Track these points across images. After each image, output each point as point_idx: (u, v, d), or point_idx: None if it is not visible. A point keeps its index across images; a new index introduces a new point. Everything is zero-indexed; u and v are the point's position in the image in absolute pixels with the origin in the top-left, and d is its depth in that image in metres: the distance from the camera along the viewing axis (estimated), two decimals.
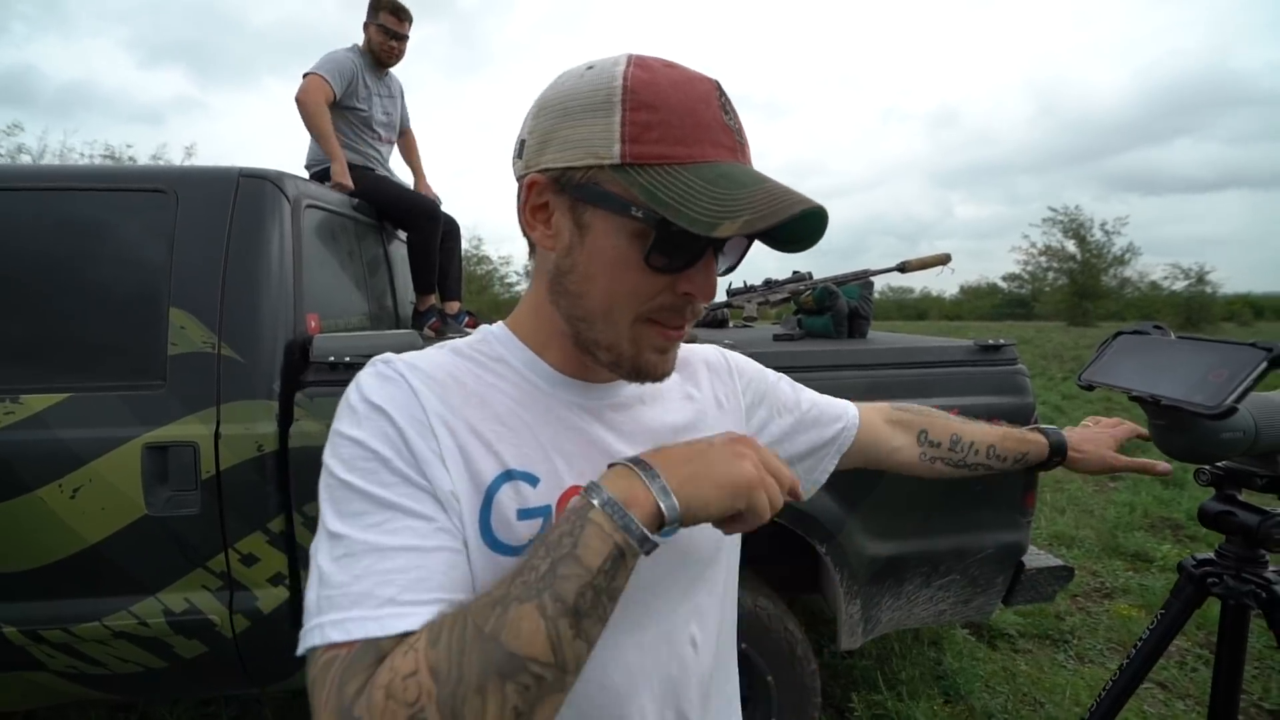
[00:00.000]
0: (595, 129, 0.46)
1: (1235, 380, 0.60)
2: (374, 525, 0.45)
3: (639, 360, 0.52)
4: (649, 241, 0.47)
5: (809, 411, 0.74)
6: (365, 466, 0.47)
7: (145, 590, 1.32)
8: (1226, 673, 0.78)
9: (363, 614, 0.42)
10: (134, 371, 1.34)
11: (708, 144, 0.46)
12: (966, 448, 0.82)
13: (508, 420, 0.52)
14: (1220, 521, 0.79)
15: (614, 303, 0.50)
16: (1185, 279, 26.30)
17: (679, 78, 0.47)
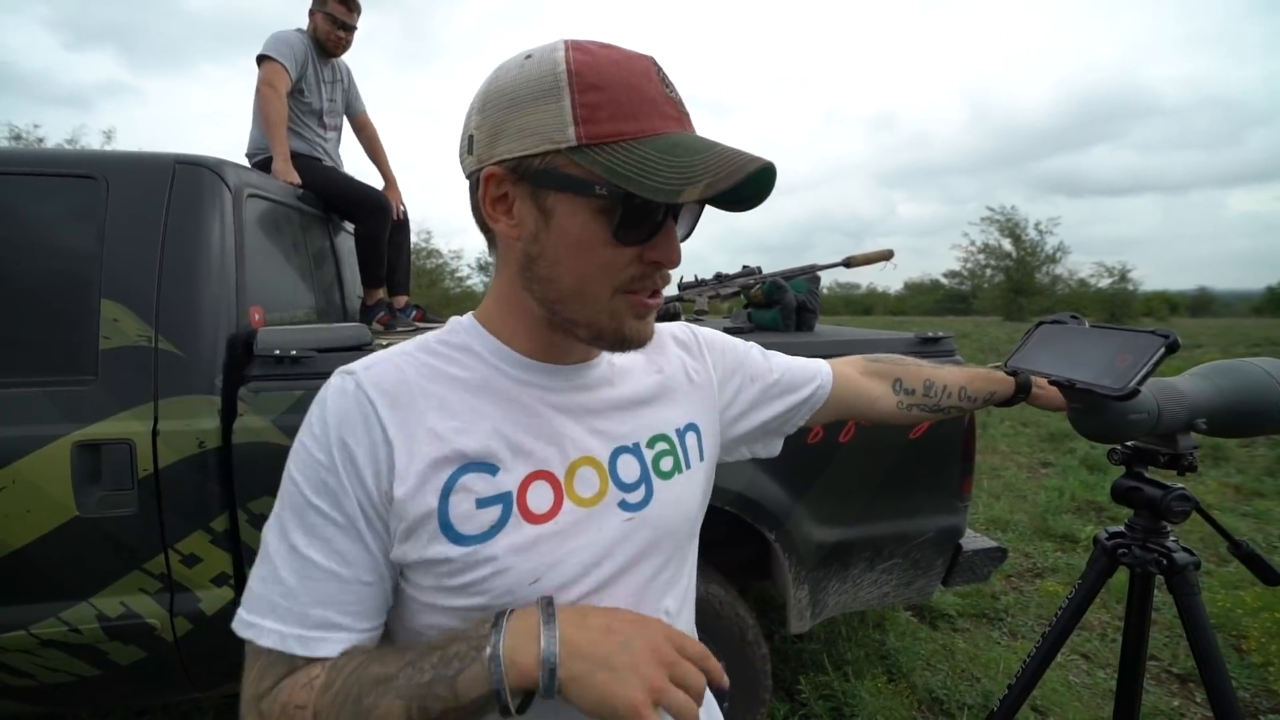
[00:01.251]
0: (547, 115, 0.47)
1: (1139, 365, 0.66)
2: (337, 555, 0.51)
3: (621, 331, 0.53)
4: (615, 217, 0.49)
5: (781, 377, 0.76)
6: (328, 493, 0.51)
7: (77, 595, 1.26)
8: (1134, 634, 0.86)
9: (321, 635, 0.50)
10: (61, 366, 1.27)
11: (655, 116, 0.48)
12: (940, 391, 0.84)
13: (464, 414, 0.54)
14: (1129, 497, 0.86)
15: (586, 281, 0.51)
16: (1110, 277, 28.05)
17: (618, 56, 0.49)
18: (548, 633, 0.47)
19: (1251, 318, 32.97)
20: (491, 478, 0.53)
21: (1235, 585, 2.64)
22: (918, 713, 1.91)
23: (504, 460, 0.54)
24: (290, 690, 0.49)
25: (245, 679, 0.51)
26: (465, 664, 0.46)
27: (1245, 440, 5.21)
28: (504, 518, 0.52)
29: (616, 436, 0.59)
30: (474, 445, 0.53)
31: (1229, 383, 0.77)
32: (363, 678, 0.48)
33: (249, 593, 0.52)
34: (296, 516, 0.51)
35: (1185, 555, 0.83)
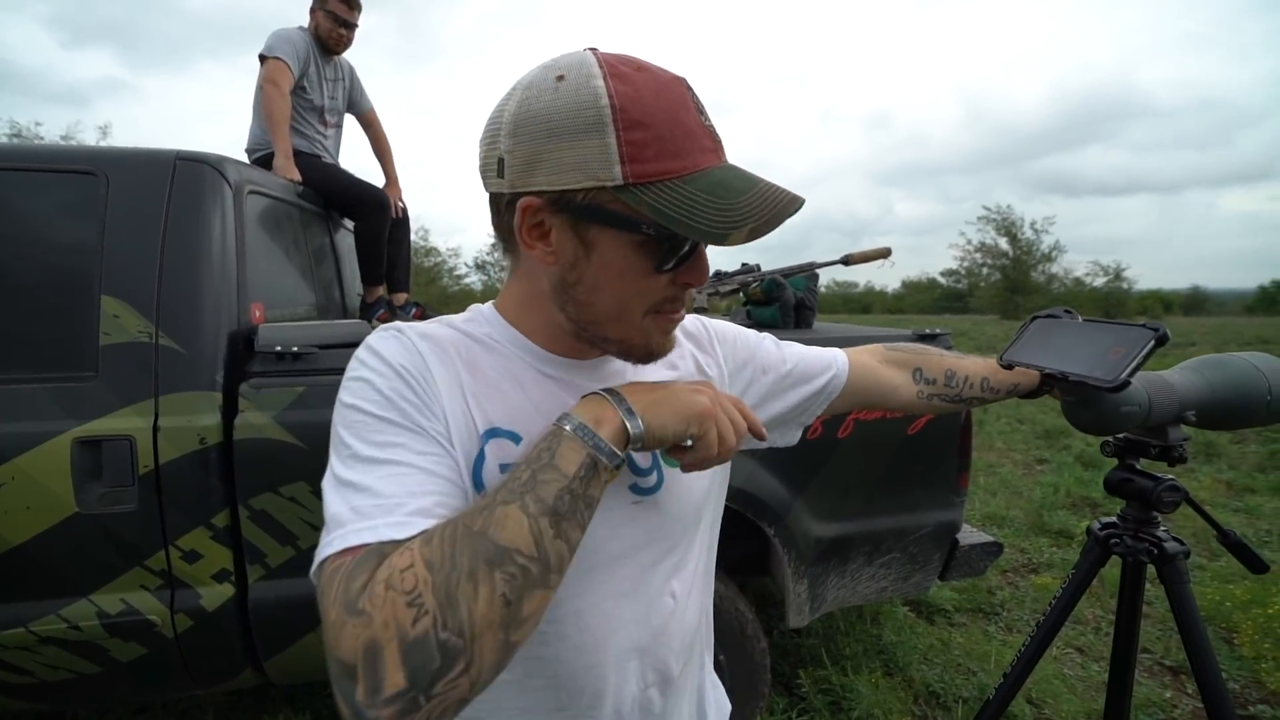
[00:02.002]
0: (590, 151, 0.47)
1: (1130, 357, 0.68)
2: (419, 454, 0.50)
3: (649, 346, 0.57)
4: (659, 251, 0.51)
5: (795, 367, 0.76)
6: (399, 406, 0.51)
7: (77, 592, 1.26)
8: (1126, 622, 0.88)
9: (420, 521, 0.45)
10: (61, 362, 1.28)
11: (696, 151, 0.49)
12: (961, 382, 0.84)
13: (495, 385, 0.57)
14: (1121, 488, 0.87)
15: (624, 306, 0.54)
16: (1105, 276, 28.21)
17: (657, 85, 0.49)
18: (612, 395, 0.50)
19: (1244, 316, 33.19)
20: (515, 446, 0.55)
21: (1226, 579, 2.67)
22: (915, 706, 1.92)
23: (526, 432, 0.56)
24: (389, 567, 0.42)
25: (324, 606, 0.42)
26: (556, 446, 0.47)
27: (1237, 436, 5.26)
28: None
29: None
30: (501, 414, 0.56)
31: (1218, 376, 0.79)
32: (459, 518, 0.44)
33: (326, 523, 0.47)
34: (365, 438, 0.49)
35: (1175, 545, 0.85)
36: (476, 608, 0.40)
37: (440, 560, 0.41)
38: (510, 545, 0.42)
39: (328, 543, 0.45)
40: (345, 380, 0.54)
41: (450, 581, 0.40)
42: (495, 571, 0.41)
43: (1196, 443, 5.00)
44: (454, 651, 0.39)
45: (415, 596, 0.40)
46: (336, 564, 0.43)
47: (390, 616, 0.39)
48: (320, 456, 0.54)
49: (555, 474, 0.45)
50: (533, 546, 0.43)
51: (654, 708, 0.63)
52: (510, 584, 0.42)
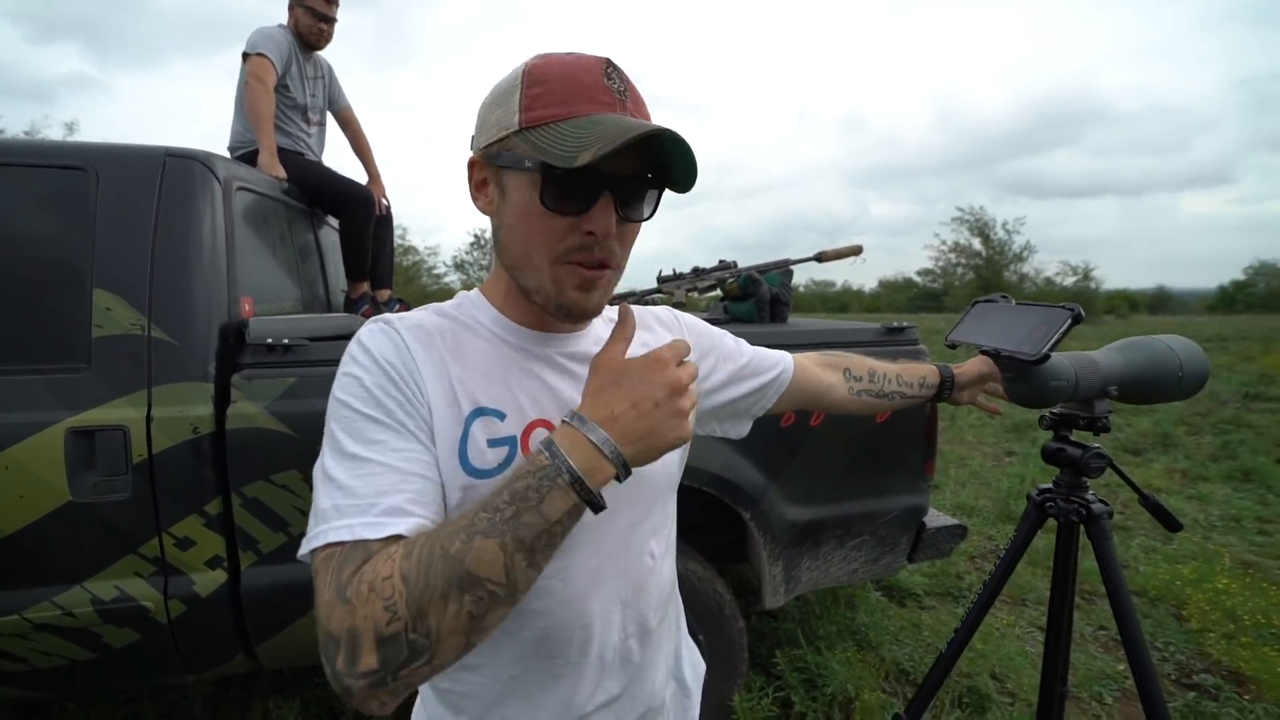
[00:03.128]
0: (506, 108, 0.57)
1: (1050, 334, 0.76)
2: (395, 452, 0.55)
3: (563, 299, 0.60)
4: (542, 187, 0.56)
5: (750, 361, 0.85)
6: (381, 403, 0.56)
7: (71, 579, 1.29)
8: (1060, 575, 0.97)
9: (390, 520, 0.52)
10: (55, 354, 1.30)
11: (584, 101, 0.55)
12: (882, 379, 0.95)
13: (479, 368, 0.62)
14: (1056, 457, 0.97)
15: (529, 247, 0.59)
16: (1074, 275, 28.93)
17: (569, 59, 0.57)
18: (600, 438, 0.51)
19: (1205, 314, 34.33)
20: (499, 422, 0.61)
21: (1176, 560, 2.82)
22: (885, 683, 2.01)
23: (510, 409, 0.62)
24: (372, 568, 0.48)
25: (319, 587, 0.50)
26: (545, 491, 0.49)
27: (1192, 429, 5.49)
28: (510, 457, 0.60)
29: None
30: (485, 395, 0.61)
31: (1138, 355, 0.88)
32: (441, 534, 0.49)
33: (312, 516, 0.54)
34: (350, 433, 0.55)
35: (1100, 506, 0.94)
36: (444, 621, 0.47)
37: (416, 577, 0.47)
38: (483, 575, 0.47)
39: (315, 534, 0.52)
40: (339, 373, 0.59)
41: (423, 598, 0.46)
42: (465, 594, 0.47)
43: (1154, 434, 5.21)
44: (420, 649, 0.47)
45: (391, 603, 0.46)
46: (328, 553, 0.51)
47: (369, 614, 0.46)
48: (311, 444, 0.60)
49: (539, 518, 0.49)
50: (503, 576, 0.48)
51: (634, 657, 0.69)
52: (478, 605, 0.47)
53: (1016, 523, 1.41)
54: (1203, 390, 0.91)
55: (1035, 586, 2.63)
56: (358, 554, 0.50)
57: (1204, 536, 3.18)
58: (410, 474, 0.55)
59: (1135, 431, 5.35)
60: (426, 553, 0.48)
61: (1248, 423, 5.58)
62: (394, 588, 0.47)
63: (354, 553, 0.50)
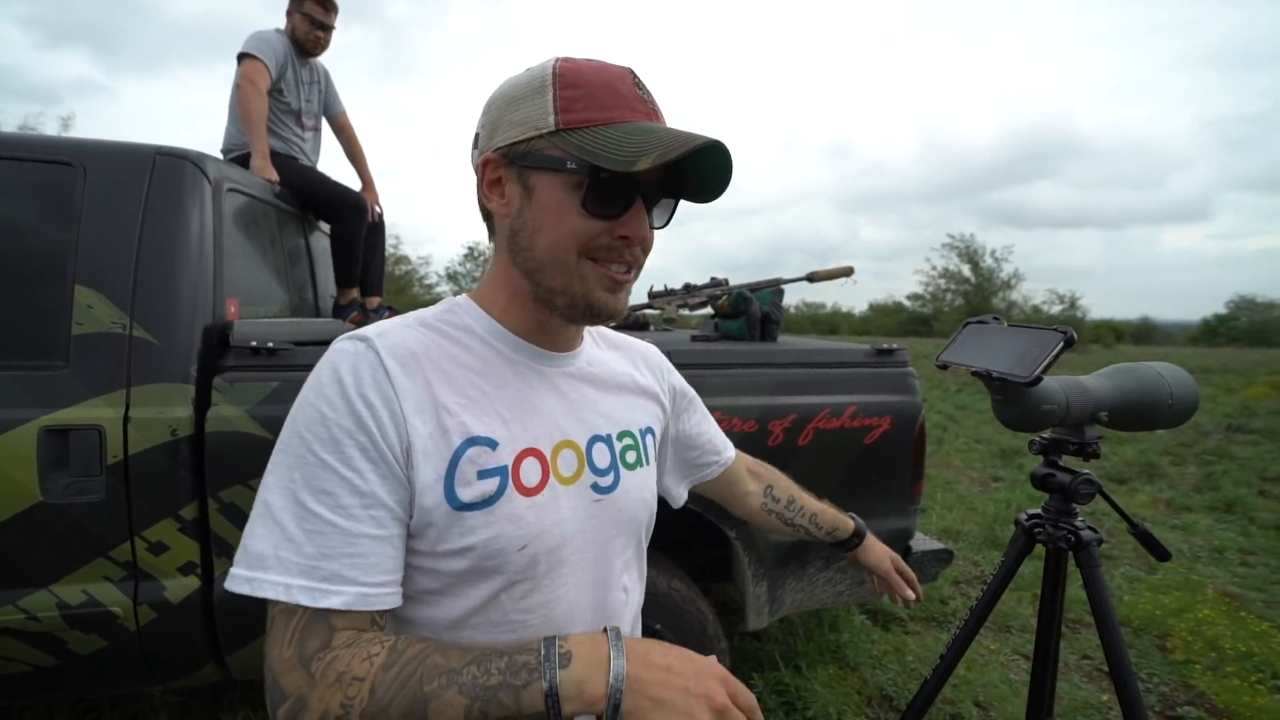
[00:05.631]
0: (534, 108, 0.56)
1: (1042, 356, 0.76)
2: (342, 509, 0.53)
3: (591, 298, 0.59)
4: (584, 189, 0.55)
5: (703, 435, 0.86)
6: (341, 450, 0.53)
7: (36, 583, 1.25)
8: (1049, 603, 0.96)
9: (329, 588, 0.51)
10: (31, 351, 1.27)
11: (624, 109, 0.56)
12: (796, 510, 0.95)
13: (469, 391, 0.59)
14: (1045, 482, 0.97)
15: (558, 246, 0.57)
16: (1061, 304, 29.31)
17: (598, 65, 0.57)
18: (616, 666, 0.49)
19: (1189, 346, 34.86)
20: (491, 451, 0.58)
21: (1159, 590, 2.82)
22: (868, 708, 1.99)
23: (502, 437, 0.59)
24: (348, 660, 0.49)
25: (274, 637, 0.51)
26: (532, 678, 0.48)
27: (1176, 459, 5.53)
28: (501, 489, 0.58)
29: (593, 426, 0.66)
30: (476, 422, 0.58)
31: (1128, 381, 0.88)
32: (425, 665, 0.49)
33: (246, 551, 0.52)
34: (304, 474, 0.53)
35: (1090, 533, 0.94)
36: None
37: (382, 694, 0.48)
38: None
39: (251, 578, 0.51)
40: (305, 393, 0.56)
41: (377, 717, 0.48)
42: None
43: (1139, 464, 5.25)
44: None
45: (350, 703, 0.48)
46: (289, 609, 0.51)
47: (325, 698, 0.48)
48: None
49: (514, 702, 0.48)
50: None
51: None
52: None
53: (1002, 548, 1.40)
54: (1190, 419, 0.91)
55: (1019, 614, 2.62)
56: (320, 628, 0.51)
57: (1187, 567, 3.19)
58: (357, 536, 0.53)
59: (1120, 461, 5.38)
60: (404, 675, 0.49)
61: (1230, 454, 5.64)
62: (359, 693, 0.48)
63: (316, 624, 0.51)
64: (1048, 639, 0.98)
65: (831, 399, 1.71)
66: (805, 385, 1.72)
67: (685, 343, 1.90)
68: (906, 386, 1.81)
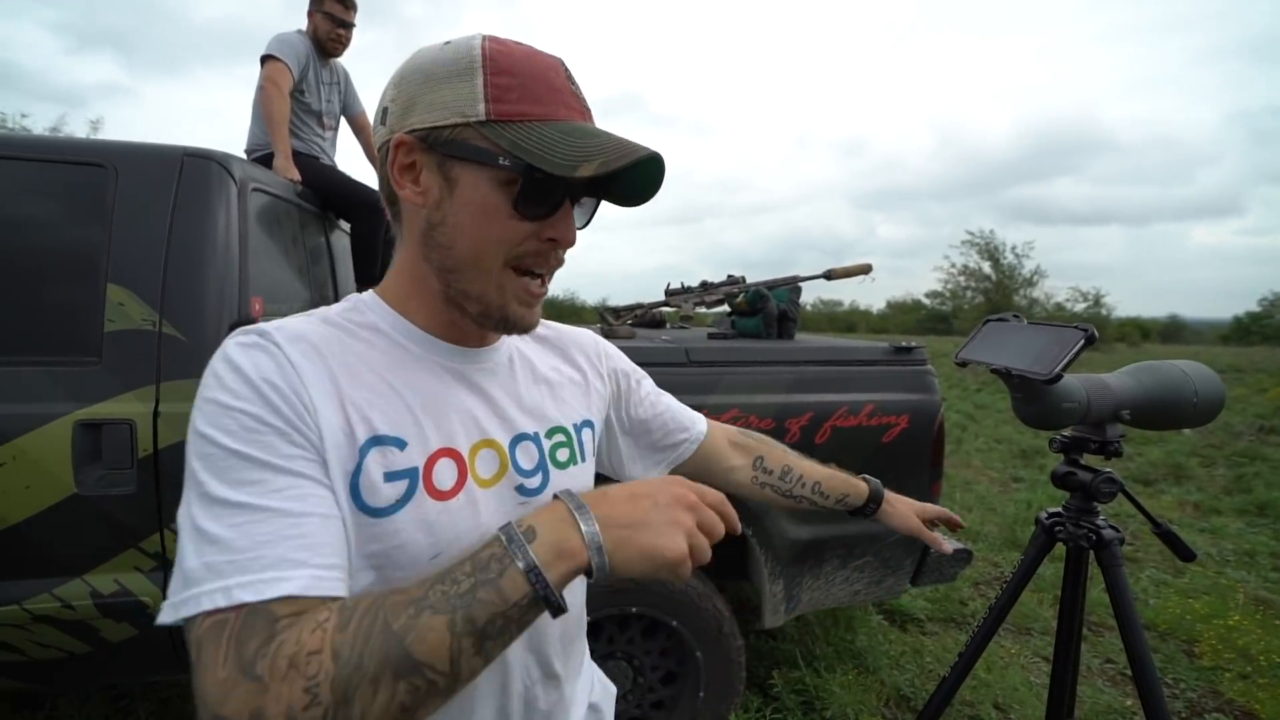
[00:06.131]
0: (460, 91, 0.51)
1: (1062, 354, 0.75)
2: (276, 492, 0.46)
3: (506, 310, 0.55)
4: (516, 189, 0.51)
5: (660, 415, 0.80)
6: (257, 437, 0.47)
7: (71, 572, 1.29)
8: (1069, 603, 0.95)
9: (276, 575, 0.44)
10: (66, 347, 1.31)
11: (559, 105, 0.52)
12: (794, 480, 0.88)
13: (376, 387, 0.54)
14: (1066, 481, 0.95)
15: (482, 250, 0.53)
16: (1084, 301, 28.74)
17: (530, 51, 0.53)
18: (582, 516, 0.46)
19: (1219, 345, 34.03)
20: (400, 452, 0.53)
21: (1188, 594, 2.76)
22: (885, 708, 1.98)
23: (412, 437, 0.54)
24: (296, 639, 0.41)
25: (205, 663, 0.41)
26: (506, 565, 0.44)
27: (1205, 460, 5.41)
28: (410, 492, 0.53)
29: (517, 425, 0.61)
30: (383, 421, 0.53)
31: (1151, 380, 0.87)
32: (385, 607, 0.43)
33: (173, 585, 0.45)
34: (217, 474, 0.46)
35: (1111, 532, 0.92)
36: (371, 711, 0.41)
37: (349, 655, 0.41)
38: (424, 660, 0.41)
39: (184, 599, 0.43)
40: (200, 399, 0.49)
41: (351, 682, 0.40)
42: (400, 681, 0.41)
43: (1166, 465, 5.14)
44: None
45: (314, 685, 0.40)
46: (215, 621, 0.42)
47: (285, 694, 0.40)
48: None
49: (496, 596, 0.43)
50: (447, 664, 0.42)
51: (539, 703, 0.63)
52: (413, 695, 0.42)
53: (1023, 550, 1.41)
54: (1217, 419, 0.89)
55: (1041, 616, 2.59)
56: (259, 622, 0.42)
57: (1217, 571, 3.12)
58: (300, 515, 0.46)
59: (1146, 461, 5.27)
60: (367, 625, 0.42)
61: (1263, 455, 5.49)
62: (320, 665, 0.40)
63: (254, 621, 0.42)
64: (1068, 639, 0.97)
65: (849, 397, 1.70)
66: (822, 383, 1.72)
67: (702, 340, 1.90)
68: (925, 385, 1.80)
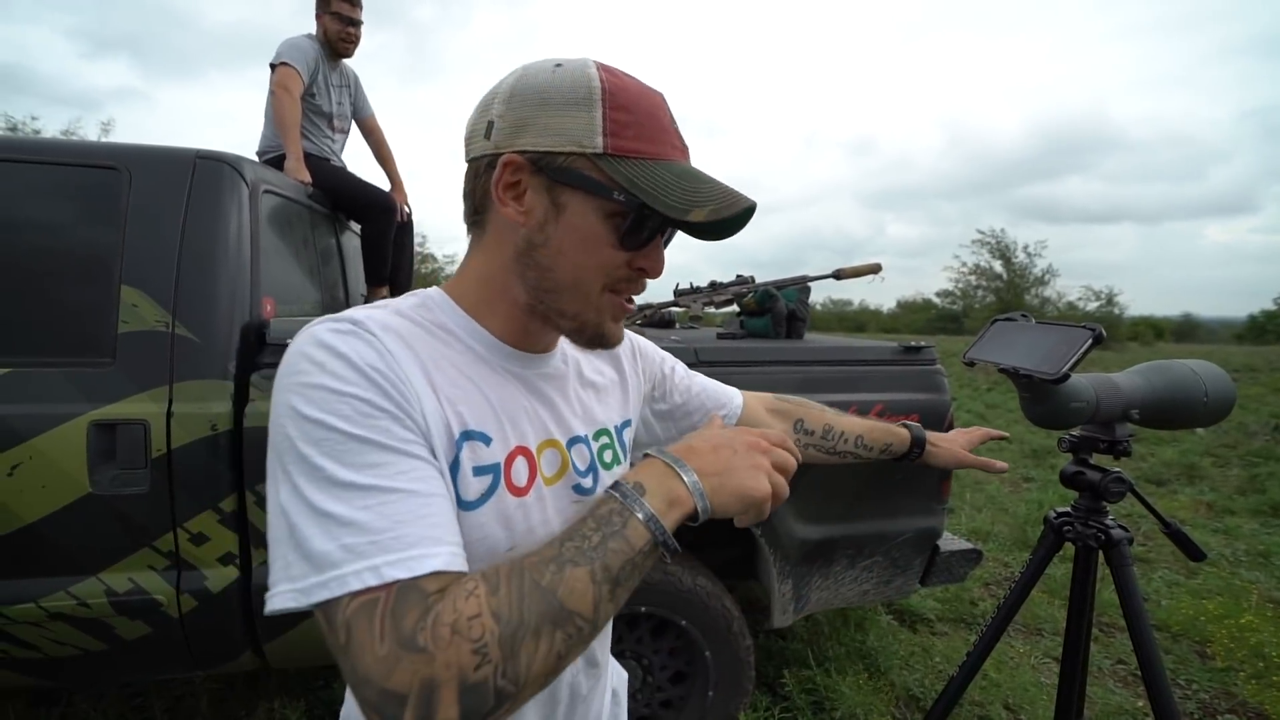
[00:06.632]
0: (578, 121, 0.52)
1: (1071, 353, 0.75)
2: (402, 474, 0.47)
3: (602, 328, 0.59)
4: (625, 223, 0.54)
5: (697, 395, 0.84)
6: (373, 421, 0.48)
7: (86, 570, 1.31)
8: (1078, 602, 0.94)
9: (421, 552, 0.45)
10: (81, 348, 1.33)
11: (668, 145, 0.55)
12: (837, 437, 0.91)
13: (460, 383, 0.56)
14: (1074, 480, 0.95)
15: (582, 274, 0.56)
16: (1097, 300, 28.45)
17: (642, 88, 0.55)
18: (683, 469, 0.53)
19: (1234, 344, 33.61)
20: (485, 448, 0.55)
21: (1201, 595, 2.73)
22: (895, 709, 1.97)
23: (495, 433, 0.56)
24: (452, 606, 0.43)
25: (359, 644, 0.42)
26: (627, 518, 0.49)
27: (1219, 460, 5.34)
28: (493, 487, 0.55)
29: (572, 427, 0.65)
30: (472, 416, 0.55)
31: (1161, 379, 0.86)
32: (525, 569, 0.46)
33: (286, 567, 0.45)
34: (336, 458, 0.46)
35: (1120, 531, 0.92)
36: (535, 662, 0.44)
37: (509, 614, 0.44)
38: (575, 610, 0.46)
39: (321, 583, 0.43)
40: (299, 384, 0.48)
41: (516, 636, 0.44)
42: (557, 631, 0.45)
43: (1179, 465, 5.08)
44: (506, 696, 0.44)
45: (481, 645, 0.43)
46: (365, 600, 0.43)
47: (454, 659, 0.42)
48: None
49: (624, 545, 0.48)
50: (592, 611, 0.47)
51: (581, 690, 0.67)
52: (567, 643, 0.46)
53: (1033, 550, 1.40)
54: (1229, 418, 0.89)
55: (1052, 616, 2.57)
56: (412, 597, 0.44)
57: (1230, 572, 3.08)
58: (428, 495, 0.48)
59: (1159, 461, 5.22)
60: (518, 585, 0.45)
61: (1277, 455, 5.42)
62: (484, 627, 0.43)
63: (408, 596, 0.43)
64: (1077, 639, 0.97)
65: (858, 396, 1.70)
66: (832, 383, 1.71)
67: (711, 340, 1.90)
68: (934, 384, 1.79)
